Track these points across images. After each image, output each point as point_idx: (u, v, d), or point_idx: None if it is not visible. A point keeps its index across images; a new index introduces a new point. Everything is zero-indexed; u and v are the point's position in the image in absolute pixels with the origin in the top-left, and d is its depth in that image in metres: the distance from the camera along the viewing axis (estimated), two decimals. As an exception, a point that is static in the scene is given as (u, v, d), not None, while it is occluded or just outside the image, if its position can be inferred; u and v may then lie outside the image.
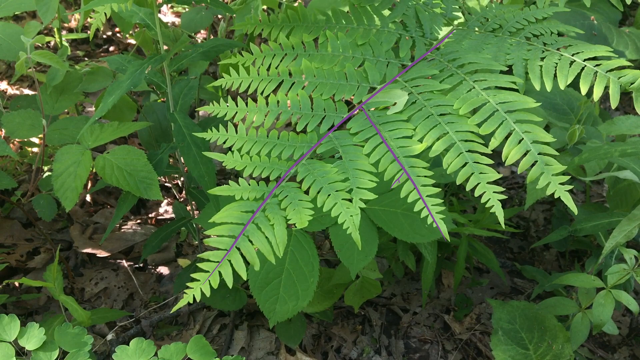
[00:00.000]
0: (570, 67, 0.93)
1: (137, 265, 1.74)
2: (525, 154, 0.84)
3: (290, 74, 0.94)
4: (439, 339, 1.65)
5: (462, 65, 0.95)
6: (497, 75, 0.93)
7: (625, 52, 2.02)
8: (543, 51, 0.97)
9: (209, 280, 0.75)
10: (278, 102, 0.90)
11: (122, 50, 2.43)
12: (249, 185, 0.80)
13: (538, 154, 0.83)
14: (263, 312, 1.17)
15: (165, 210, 1.89)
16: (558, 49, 0.97)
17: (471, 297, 1.74)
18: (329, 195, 0.79)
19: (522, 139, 0.84)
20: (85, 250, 1.71)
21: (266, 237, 0.76)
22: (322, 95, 0.90)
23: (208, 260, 0.76)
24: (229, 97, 0.94)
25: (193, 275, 0.76)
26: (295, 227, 0.75)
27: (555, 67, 0.94)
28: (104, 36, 2.52)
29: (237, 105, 0.90)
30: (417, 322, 1.69)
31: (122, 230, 1.77)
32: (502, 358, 1.33)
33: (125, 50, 2.41)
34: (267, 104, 0.90)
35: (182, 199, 1.92)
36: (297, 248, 1.21)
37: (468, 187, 0.82)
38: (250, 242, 0.76)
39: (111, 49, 2.47)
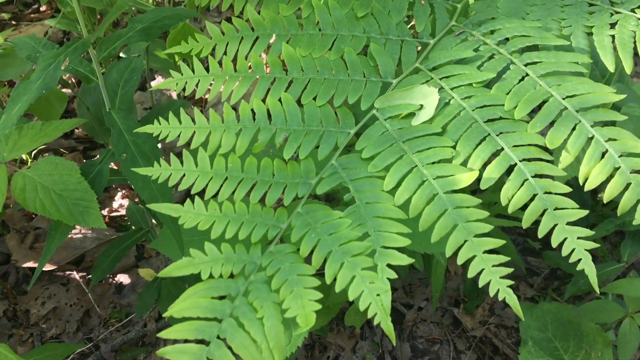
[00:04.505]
0: (657, 36, 0.67)
1: (90, 277, 1.47)
2: (613, 173, 0.59)
3: (266, 67, 0.66)
4: (449, 337, 1.44)
5: (504, 41, 0.68)
6: (555, 53, 0.66)
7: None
8: (612, 14, 0.71)
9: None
10: (253, 113, 0.62)
11: (56, 10, 2.07)
12: (221, 253, 0.54)
13: (630, 173, 0.58)
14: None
15: (120, 204, 1.61)
16: (632, 10, 0.71)
17: (482, 285, 1.52)
18: (342, 263, 0.53)
19: (606, 150, 0.59)
20: (26, 265, 1.43)
21: (253, 339, 0.50)
22: (316, 100, 0.63)
23: (167, 381, 0.50)
24: (195, 110, 0.66)
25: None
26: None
27: (634, 36, 0.68)
28: (34, -7, 2.15)
29: (194, 123, 0.62)
30: (423, 318, 1.47)
31: (70, 236, 1.49)
32: (535, 374, 1.13)
33: (59, 12, 2.05)
34: (237, 117, 0.62)
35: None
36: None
37: (541, 233, 0.57)
38: (230, 348, 0.50)
39: (42, 8, 2.11)
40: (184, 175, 0.59)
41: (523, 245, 1.60)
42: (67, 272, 1.46)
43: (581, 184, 0.59)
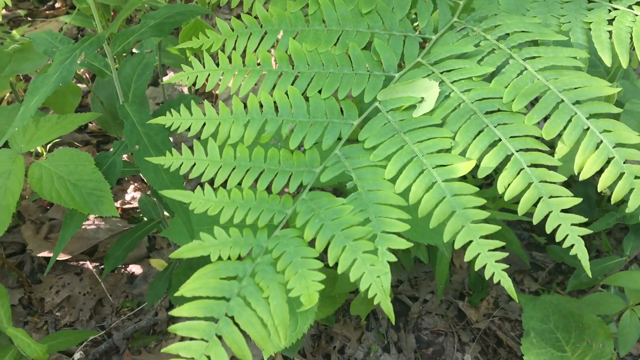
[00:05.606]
0: (653, 32, 0.69)
1: (103, 267, 1.51)
2: (607, 163, 0.61)
3: (274, 62, 0.69)
4: (453, 329, 1.46)
5: (504, 36, 0.70)
6: (553, 48, 0.69)
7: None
8: (610, 10, 0.73)
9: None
10: (261, 105, 0.65)
11: (70, 7, 2.11)
12: (229, 236, 0.57)
13: (624, 163, 0.60)
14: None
15: (133, 197, 1.64)
16: (630, 7, 0.73)
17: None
18: (344, 247, 0.55)
19: (601, 141, 0.61)
20: (41, 254, 1.47)
21: (259, 316, 0.53)
22: (321, 93, 0.66)
23: (178, 357, 0.53)
24: (205, 103, 0.69)
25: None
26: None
27: (631, 32, 0.70)
28: (48, -10, 2.19)
29: (204, 115, 0.65)
30: (428, 311, 1.49)
31: (83, 227, 1.53)
32: (536, 365, 1.15)
33: (73, 8, 2.09)
34: (245, 109, 0.65)
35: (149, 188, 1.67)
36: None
37: (536, 220, 0.59)
38: (237, 325, 0.53)
39: (57, 5, 2.15)
40: (194, 164, 0.62)
41: (528, 240, 1.62)
42: (81, 262, 1.50)
43: (576, 174, 0.62)
